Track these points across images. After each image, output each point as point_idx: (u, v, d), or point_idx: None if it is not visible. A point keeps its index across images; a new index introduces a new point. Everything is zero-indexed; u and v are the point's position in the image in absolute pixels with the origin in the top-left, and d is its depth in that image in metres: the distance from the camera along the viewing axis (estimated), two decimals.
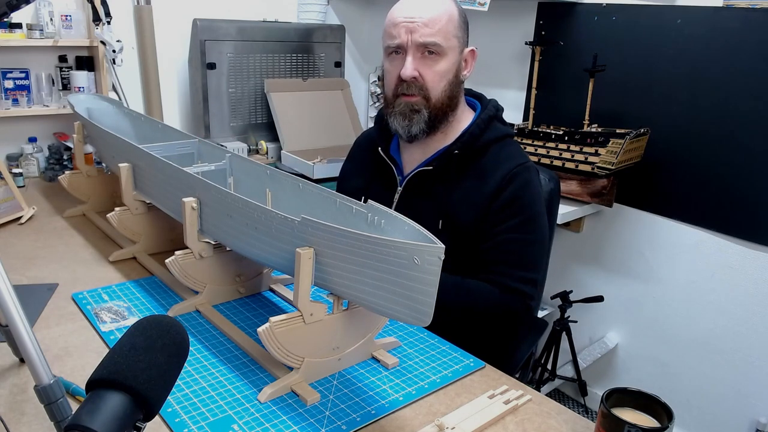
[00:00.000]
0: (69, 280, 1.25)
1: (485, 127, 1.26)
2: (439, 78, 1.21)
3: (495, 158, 1.25)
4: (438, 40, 1.18)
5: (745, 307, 1.90)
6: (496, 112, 1.30)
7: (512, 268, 1.20)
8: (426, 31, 1.17)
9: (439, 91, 1.22)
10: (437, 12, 1.18)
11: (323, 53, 2.63)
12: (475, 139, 1.25)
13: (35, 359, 0.69)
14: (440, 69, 1.21)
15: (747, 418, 1.95)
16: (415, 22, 1.18)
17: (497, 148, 1.26)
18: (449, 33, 1.19)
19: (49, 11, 2.00)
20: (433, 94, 1.22)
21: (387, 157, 1.33)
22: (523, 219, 1.21)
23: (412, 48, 1.19)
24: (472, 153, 1.25)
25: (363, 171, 1.41)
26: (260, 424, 0.83)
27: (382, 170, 1.35)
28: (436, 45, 1.18)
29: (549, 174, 1.50)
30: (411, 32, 1.18)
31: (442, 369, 0.98)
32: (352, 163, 1.49)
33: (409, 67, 1.19)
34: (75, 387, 0.87)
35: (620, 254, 2.20)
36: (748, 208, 1.83)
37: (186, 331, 0.59)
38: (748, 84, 1.77)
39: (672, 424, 0.73)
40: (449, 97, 1.24)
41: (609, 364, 2.32)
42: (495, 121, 1.29)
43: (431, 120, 1.24)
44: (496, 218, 1.21)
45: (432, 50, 1.19)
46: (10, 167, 1.91)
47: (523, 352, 1.46)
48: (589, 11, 2.10)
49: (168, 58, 2.39)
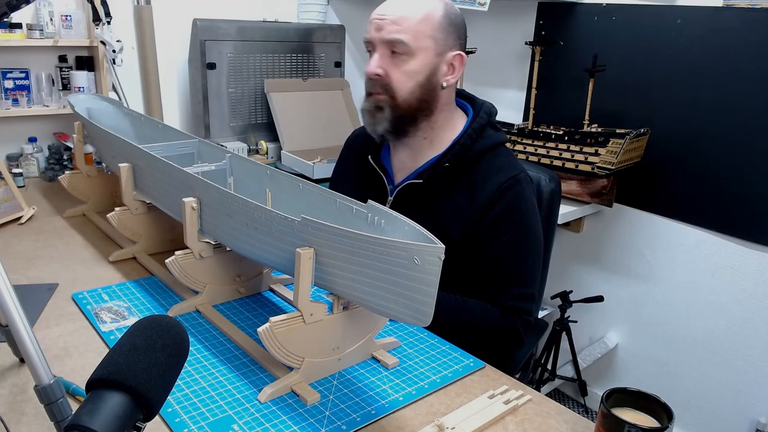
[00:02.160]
0: (69, 280, 1.25)
1: (477, 137, 1.21)
2: (405, 78, 1.16)
3: (487, 170, 1.20)
4: (403, 38, 1.13)
5: (745, 307, 1.90)
6: (489, 118, 1.25)
7: (509, 285, 1.18)
8: (392, 29, 1.13)
9: (405, 91, 1.17)
10: (411, 10, 1.13)
11: (323, 53, 2.63)
12: (466, 150, 1.20)
13: (35, 359, 0.68)
14: (408, 69, 1.15)
15: (747, 418, 1.95)
16: (385, 19, 1.14)
17: (489, 159, 1.22)
18: (421, 33, 1.13)
19: (49, 11, 2.00)
20: (398, 94, 1.17)
21: (377, 164, 1.30)
22: (516, 234, 1.18)
23: (379, 45, 1.16)
24: (464, 165, 1.21)
25: (353, 176, 1.37)
26: (260, 424, 0.83)
27: (372, 178, 1.31)
28: (402, 44, 1.13)
29: (549, 174, 1.49)
30: (379, 29, 1.15)
31: (442, 369, 0.98)
32: (343, 165, 1.46)
33: (373, 63, 1.16)
34: (75, 387, 0.87)
35: (620, 254, 2.20)
36: (748, 208, 1.83)
37: (186, 332, 0.59)
38: (748, 84, 1.77)
39: (672, 424, 0.73)
40: (419, 99, 1.18)
41: (609, 364, 2.32)
42: (487, 129, 1.24)
43: (396, 120, 1.19)
44: (488, 234, 1.18)
45: (397, 50, 1.14)
46: (10, 167, 1.91)
47: (523, 353, 1.45)
48: (589, 11, 2.10)
49: (168, 58, 2.39)
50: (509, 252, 1.18)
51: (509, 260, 1.19)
